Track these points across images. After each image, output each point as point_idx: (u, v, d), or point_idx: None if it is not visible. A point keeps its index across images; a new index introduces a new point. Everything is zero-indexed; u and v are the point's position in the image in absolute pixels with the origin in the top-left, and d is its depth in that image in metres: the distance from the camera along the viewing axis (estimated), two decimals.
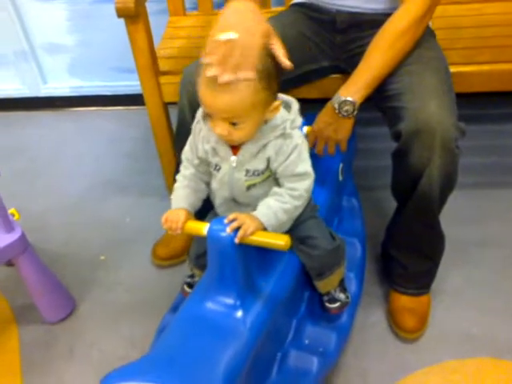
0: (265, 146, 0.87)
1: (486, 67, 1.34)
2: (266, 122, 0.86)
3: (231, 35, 0.77)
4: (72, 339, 1.30)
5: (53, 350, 1.28)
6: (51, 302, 1.33)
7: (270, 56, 0.81)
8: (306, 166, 0.89)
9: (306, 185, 0.90)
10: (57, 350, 1.28)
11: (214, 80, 0.78)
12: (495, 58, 1.37)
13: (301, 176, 0.89)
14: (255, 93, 0.79)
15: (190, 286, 1.15)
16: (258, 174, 0.90)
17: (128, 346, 1.26)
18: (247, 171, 0.90)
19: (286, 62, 0.84)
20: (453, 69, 1.24)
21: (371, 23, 1.14)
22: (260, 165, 0.89)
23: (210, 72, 0.77)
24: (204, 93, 0.80)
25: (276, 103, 0.84)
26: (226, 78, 0.76)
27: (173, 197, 0.96)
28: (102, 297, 1.40)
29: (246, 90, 0.78)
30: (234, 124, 0.82)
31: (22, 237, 1.20)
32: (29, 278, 1.25)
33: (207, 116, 0.85)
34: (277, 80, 0.83)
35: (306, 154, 0.90)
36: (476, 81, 1.35)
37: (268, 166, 0.89)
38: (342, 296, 1.09)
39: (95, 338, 1.30)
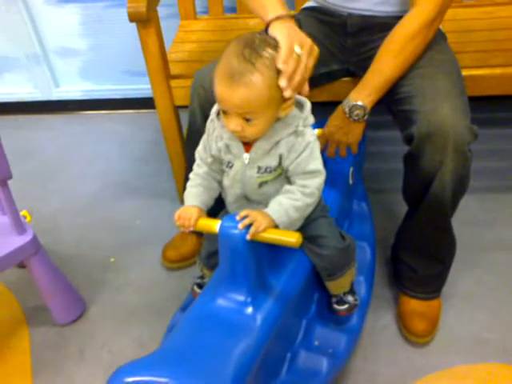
0: (277, 143, 0.88)
1: (498, 70, 1.34)
2: (278, 119, 0.87)
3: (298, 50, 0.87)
4: (82, 340, 1.31)
5: (63, 352, 1.29)
6: (62, 304, 1.33)
7: None
8: (318, 163, 0.90)
9: (317, 182, 0.90)
10: (67, 352, 1.29)
11: (230, 73, 0.79)
12: (508, 61, 1.37)
13: (312, 173, 0.89)
14: (271, 89, 0.81)
15: (200, 286, 1.16)
16: (270, 171, 0.90)
17: (138, 348, 1.27)
18: (259, 168, 0.90)
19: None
20: (465, 72, 1.24)
21: (382, 26, 1.14)
22: (272, 162, 0.89)
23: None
24: (221, 88, 0.81)
25: (289, 101, 0.85)
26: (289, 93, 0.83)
27: (186, 194, 0.97)
28: (112, 298, 1.41)
29: (262, 86, 0.80)
30: (247, 120, 0.82)
31: (34, 239, 1.21)
32: (40, 279, 1.26)
33: (222, 113, 0.86)
34: None
35: (317, 152, 0.90)
36: (488, 84, 1.35)
37: (280, 163, 0.90)
38: (350, 298, 1.09)
39: (105, 340, 1.30)
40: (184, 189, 0.99)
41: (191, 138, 1.25)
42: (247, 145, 0.90)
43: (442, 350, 1.21)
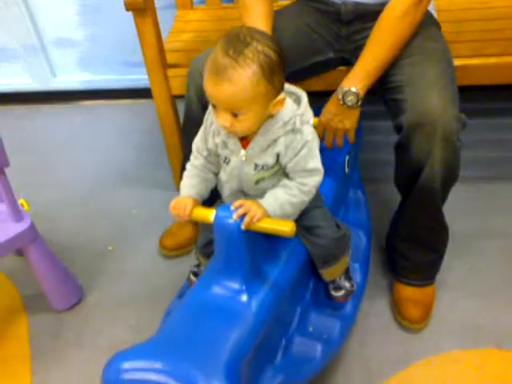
0: (275, 141, 0.88)
1: (492, 60, 1.34)
2: (272, 116, 0.86)
3: None
4: (80, 327, 1.32)
5: (61, 338, 1.30)
6: (60, 291, 1.35)
7: (276, 52, 0.82)
8: (317, 162, 0.90)
9: (315, 181, 0.91)
10: (65, 338, 1.30)
11: (215, 69, 0.79)
12: (502, 50, 1.37)
13: (311, 172, 0.90)
14: (255, 84, 0.79)
15: (196, 274, 1.17)
16: (267, 169, 0.91)
17: (135, 334, 1.28)
18: (256, 165, 0.90)
19: None
20: (459, 62, 1.25)
21: (376, 14, 1.14)
22: (269, 160, 0.89)
23: None
24: (207, 83, 0.82)
25: (279, 98, 0.84)
26: None
27: (181, 185, 0.97)
28: (110, 286, 1.42)
29: (245, 81, 0.79)
30: (235, 115, 0.82)
31: (32, 226, 1.22)
32: (38, 267, 1.28)
33: (212, 107, 0.86)
34: (280, 75, 0.83)
35: (316, 151, 0.90)
36: (482, 74, 1.36)
37: (277, 161, 0.90)
38: (347, 284, 1.11)
39: (103, 326, 1.32)
40: (181, 178, 1.00)
41: (187, 127, 1.26)
42: (244, 141, 0.90)
43: (436, 336, 1.22)
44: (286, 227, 0.84)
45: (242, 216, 0.85)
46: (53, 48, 2.10)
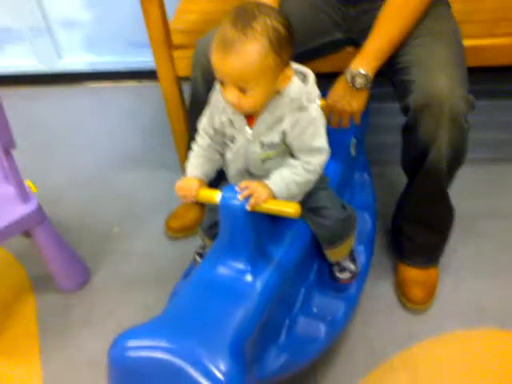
0: (281, 118, 0.88)
1: (503, 40, 1.32)
2: (278, 92, 0.86)
3: None
4: (87, 307, 1.34)
5: (69, 318, 1.32)
6: (67, 272, 1.36)
7: (285, 26, 0.81)
8: (323, 140, 0.90)
9: (321, 160, 0.90)
10: (73, 318, 1.32)
11: (223, 42, 0.79)
12: None
13: (317, 151, 0.89)
14: (264, 58, 0.79)
15: (201, 256, 1.18)
16: (274, 147, 0.90)
17: (142, 313, 1.29)
18: (262, 144, 0.90)
19: None
20: (469, 42, 1.23)
21: None
22: (275, 138, 0.89)
23: None
24: (214, 57, 0.81)
25: (287, 72, 0.84)
26: None
27: (187, 165, 0.97)
28: (117, 267, 1.44)
29: (253, 55, 0.78)
30: (243, 91, 0.82)
31: (39, 208, 1.23)
32: (45, 248, 1.29)
33: (219, 84, 0.86)
34: (288, 49, 0.83)
35: (322, 129, 0.90)
36: (493, 54, 1.33)
37: (283, 139, 0.90)
38: (351, 266, 1.11)
39: (110, 306, 1.33)
40: (187, 159, 0.99)
41: (193, 108, 1.25)
42: (251, 120, 0.89)
43: (439, 317, 1.23)
44: (291, 208, 0.84)
45: (248, 197, 0.85)
46: (58, 29, 2.09)
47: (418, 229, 1.24)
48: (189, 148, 1.02)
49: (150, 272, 1.41)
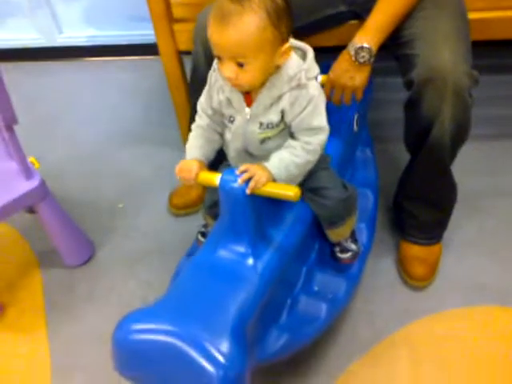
0: (279, 97, 0.86)
1: (510, 13, 1.29)
2: (277, 68, 0.85)
3: None
4: (92, 282, 1.36)
5: (74, 293, 1.34)
6: (71, 247, 1.38)
7: None
8: (322, 119, 0.89)
9: (320, 139, 0.89)
10: (78, 293, 1.34)
11: (220, 15, 0.77)
12: None
13: (316, 130, 0.88)
14: (262, 30, 0.78)
15: (204, 235, 1.18)
16: (272, 127, 0.89)
17: (146, 289, 1.31)
18: (261, 124, 0.89)
19: None
20: (475, 15, 1.21)
21: None
22: (274, 117, 0.88)
23: None
24: (211, 31, 0.80)
25: (285, 46, 0.83)
26: None
27: (187, 146, 0.97)
28: (120, 243, 1.45)
29: (251, 27, 0.77)
30: (241, 65, 0.81)
31: (42, 184, 1.23)
32: (49, 224, 1.30)
33: (217, 60, 0.84)
34: (287, 21, 0.82)
35: (322, 108, 0.89)
36: (499, 28, 1.31)
37: (282, 119, 0.89)
38: (353, 246, 1.11)
39: (114, 282, 1.35)
40: (188, 136, 0.99)
41: (195, 83, 1.24)
42: (249, 98, 0.88)
43: (441, 294, 1.24)
44: (291, 191, 0.84)
45: (247, 180, 0.84)
46: (58, 3, 2.06)
47: (420, 206, 1.24)
48: (190, 124, 1.01)
49: (154, 248, 1.42)
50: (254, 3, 0.77)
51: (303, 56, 0.89)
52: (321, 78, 1.13)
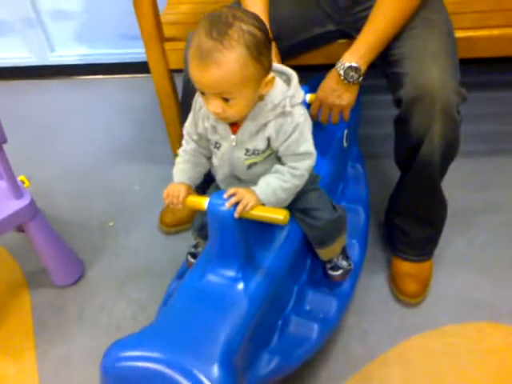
0: (265, 125, 0.86)
1: (496, 31, 1.32)
2: (261, 97, 0.84)
3: None
4: (82, 302, 1.34)
5: (64, 313, 1.32)
6: (61, 267, 1.36)
7: (261, 30, 0.79)
8: (308, 145, 0.88)
9: (307, 164, 0.89)
10: (68, 313, 1.32)
11: (200, 53, 0.76)
12: (507, 21, 1.35)
13: (303, 155, 0.88)
14: (243, 66, 0.77)
15: (194, 256, 1.17)
16: (258, 153, 0.89)
17: (136, 309, 1.30)
18: (247, 150, 0.89)
19: None
20: (462, 33, 1.23)
21: None
22: (260, 144, 0.88)
23: None
24: (192, 69, 0.79)
25: (268, 77, 0.82)
26: None
27: (174, 171, 0.96)
28: (111, 262, 1.44)
29: (233, 64, 0.76)
30: (226, 100, 0.80)
31: (31, 203, 1.22)
32: (39, 243, 1.29)
33: (200, 95, 0.84)
34: (267, 52, 0.81)
35: (308, 133, 0.89)
36: (486, 46, 1.33)
37: (268, 145, 0.89)
38: (344, 263, 1.11)
39: (104, 301, 1.33)
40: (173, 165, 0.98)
41: (186, 102, 1.23)
42: (234, 126, 0.88)
43: (433, 310, 1.23)
44: (280, 215, 0.83)
45: (235, 204, 0.84)
46: (50, 21, 2.07)
47: (410, 222, 1.24)
48: (180, 145, 1.01)
49: (144, 267, 1.40)
50: (233, 39, 0.76)
51: (287, 81, 0.89)
52: (309, 96, 1.14)
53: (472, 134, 1.19)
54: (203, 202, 0.87)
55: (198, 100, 0.92)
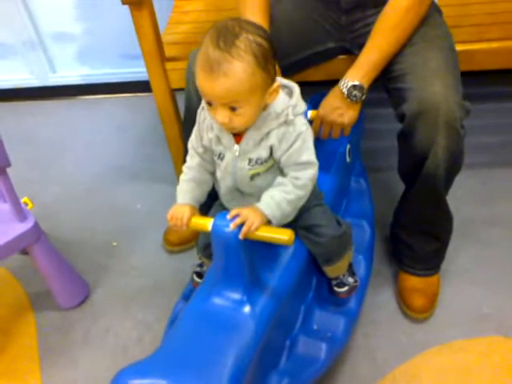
0: (267, 134, 0.87)
1: (495, 44, 1.32)
2: (266, 107, 0.85)
3: None
4: (87, 324, 1.33)
5: (69, 335, 1.31)
6: (66, 289, 1.35)
7: (266, 39, 0.81)
8: (310, 154, 0.89)
9: (310, 174, 0.89)
10: (73, 335, 1.31)
11: (208, 64, 0.78)
12: (505, 34, 1.35)
13: (305, 165, 0.88)
14: (251, 75, 0.78)
15: (199, 275, 1.17)
16: (262, 163, 0.89)
17: (142, 330, 1.29)
18: (250, 160, 0.89)
19: None
20: (461, 47, 1.23)
21: (376, 2, 1.13)
22: (263, 153, 0.88)
23: None
24: (201, 80, 0.80)
25: (274, 85, 0.84)
26: None
27: (178, 190, 0.96)
28: (116, 282, 1.43)
29: (242, 73, 0.78)
30: (233, 110, 0.81)
31: (35, 226, 1.22)
32: (43, 265, 1.28)
33: (207, 105, 0.85)
34: (273, 61, 0.83)
35: (310, 143, 0.89)
36: (484, 59, 1.34)
37: (271, 155, 0.89)
38: (350, 280, 1.10)
39: (110, 322, 1.32)
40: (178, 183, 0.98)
41: (188, 121, 1.24)
42: (238, 136, 0.89)
43: (441, 325, 1.22)
44: (285, 235, 0.82)
45: (240, 225, 0.83)
46: (51, 43, 2.09)
47: (416, 236, 1.24)
48: (184, 162, 1.01)
49: (150, 286, 1.40)
50: (241, 49, 0.78)
51: (290, 93, 0.90)
52: (310, 113, 1.14)
53: (475, 145, 1.19)
54: (207, 224, 0.87)
55: (201, 112, 0.93)
